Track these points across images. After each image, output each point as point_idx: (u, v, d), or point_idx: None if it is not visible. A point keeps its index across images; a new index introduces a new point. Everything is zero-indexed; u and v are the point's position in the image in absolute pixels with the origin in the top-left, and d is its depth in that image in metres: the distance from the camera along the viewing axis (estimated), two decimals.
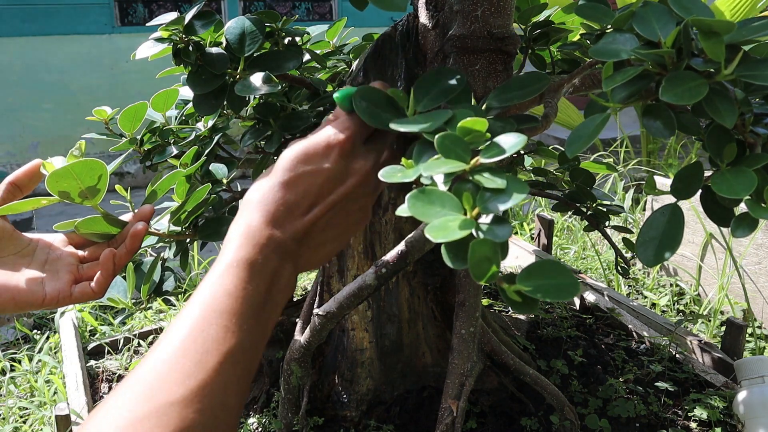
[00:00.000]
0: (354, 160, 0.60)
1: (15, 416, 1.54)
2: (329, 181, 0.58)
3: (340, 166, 0.58)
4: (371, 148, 0.61)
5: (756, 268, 1.86)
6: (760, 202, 0.58)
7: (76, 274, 0.69)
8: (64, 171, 0.62)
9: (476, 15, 0.89)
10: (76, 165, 0.62)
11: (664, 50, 0.58)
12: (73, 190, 0.64)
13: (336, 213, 0.59)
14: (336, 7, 5.06)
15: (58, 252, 0.70)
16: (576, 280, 0.43)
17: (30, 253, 0.69)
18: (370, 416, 1.15)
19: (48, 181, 0.63)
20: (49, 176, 0.62)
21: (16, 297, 0.65)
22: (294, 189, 0.57)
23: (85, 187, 0.64)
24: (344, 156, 0.59)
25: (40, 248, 0.70)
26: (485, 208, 0.46)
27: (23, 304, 0.65)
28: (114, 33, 4.45)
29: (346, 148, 0.59)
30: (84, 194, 0.65)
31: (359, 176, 0.59)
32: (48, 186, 0.63)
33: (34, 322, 2.04)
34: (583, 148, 0.58)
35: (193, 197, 0.83)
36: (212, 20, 0.97)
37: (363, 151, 0.60)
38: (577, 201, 1.27)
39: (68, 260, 0.70)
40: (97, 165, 0.63)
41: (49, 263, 0.69)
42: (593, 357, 1.34)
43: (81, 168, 0.63)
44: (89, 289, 0.68)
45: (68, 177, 0.63)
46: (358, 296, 0.88)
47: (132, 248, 0.69)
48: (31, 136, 4.39)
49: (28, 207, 0.65)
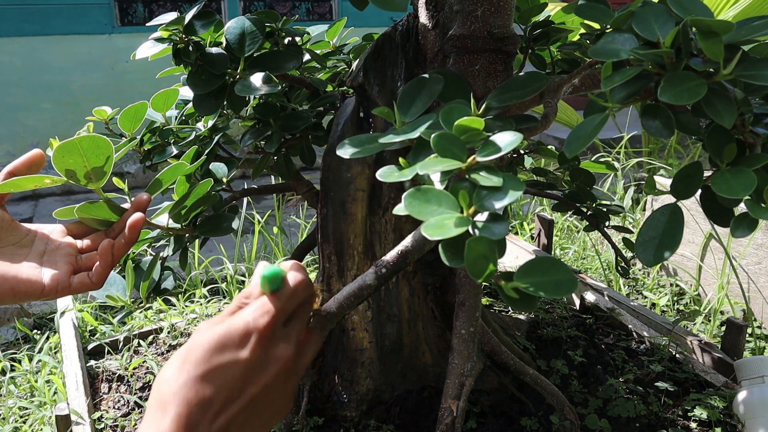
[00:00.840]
0: (274, 346, 0.54)
1: (15, 416, 1.54)
2: (248, 373, 0.52)
3: (260, 354, 0.53)
4: (291, 330, 0.56)
5: (756, 268, 1.86)
6: (759, 202, 0.58)
7: (74, 264, 0.69)
8: (70, 144, 0.61)
9: (476, 15, 0.90)
10: (83, 139, 0.61)
11: (663, 50, 0.58)
12: (79, 169, 0.63)
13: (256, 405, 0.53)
14: (336, 7, 5.06)
15: (56, 242, 0.70)
16: (574, 276, 0.44)
17: (28, 244, 0.68)
18: (370, 416, 1.15)
19: (54, 156, 0.61)
20: (55, 150, 0.61)
21: (15, 288, 0.64)
22: (209, 384, 0.51)
23: (91, 167, 0.64)
24: (264, 343, 0.53)
25: (38, 239, 0.69)
26: (482, 206, 0.46)
27: (22, 295, 0.65)
28: (114, 33, 4.45)
29: (266, 334, 0.53)
30: (89, 175, 0.64)
31: (281, 363, 0.54)
32: (54, 161, 0.62)
33: (34, 322, 2.04)
34: (582, 148, 0.58)
35: (194, 192, 0.83)
36: (212, 20, 0.97)
37: (283, 335, 0.55)
38: (577, 201, 1.27)
39: (67, 250, 0.69)
40: (104, 143, 0.63)
41: (47, 254, 0.68)
42: (593, 357, 1.34)
43: (88, 143, 0.62)
44: (88, 279, 0.68)
45: (75, 152, 0.62)
46: (358, 296, 0.87)
47: (130, 239, 0.68)
48: (31, 136, 4.40)
49: (30, 184, 0.64)
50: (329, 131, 1.10)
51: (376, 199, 1.08)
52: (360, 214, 1.08)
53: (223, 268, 2.25)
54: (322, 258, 1.12)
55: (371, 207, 1.08)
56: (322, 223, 1.10)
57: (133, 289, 1.00)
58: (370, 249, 1.11)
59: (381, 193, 1.07)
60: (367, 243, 1.10)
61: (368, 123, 1.05)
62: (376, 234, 1.10)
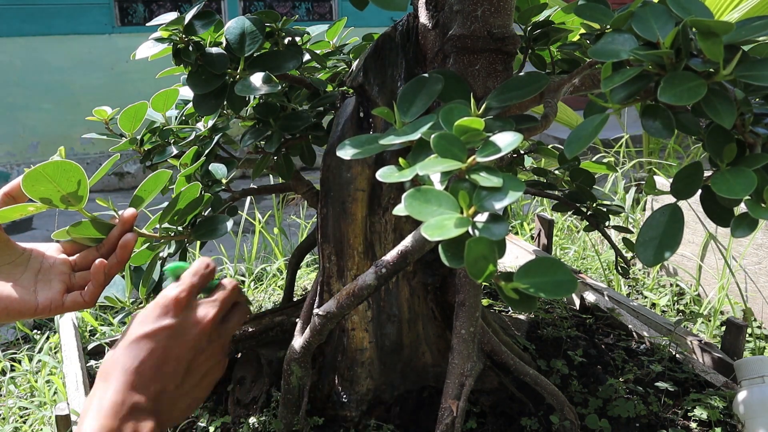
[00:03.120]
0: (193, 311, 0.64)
1: (15, 416, 1.54)
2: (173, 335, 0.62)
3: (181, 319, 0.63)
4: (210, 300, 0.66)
5: (756, 268, 1.86)
6: (759, 202, 0.58)
7: (68, 283, 0.70)
8: (35, 173, 0.61)
9: (476, 15, 0.90)
10: (47, 166, 0.61)
11: (663, 51, 0.58)
12: (54, 195, 0.64)
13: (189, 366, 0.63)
14: (336, 7, 5.06)
15: (51, 260, 0.71)
16: (573, 276, 0.44)
17: (24, 262, 0.69)
18: (370, 416, 1.15)
19: (24, 185, 0.62)
20: (23, 179, 0.62)
21: (8, 306, 0.66)
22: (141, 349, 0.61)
23: (65, 192, 0.64)
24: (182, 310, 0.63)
25: (33, 257, 0.70)
26: (482, 207, 0.46)
27: (15, 314, 0.67)
28: (114, 33, 4.44)
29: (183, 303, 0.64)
30: (66, 199, 0.65)
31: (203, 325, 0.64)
32: (25, 190, 0.62)
33: (34, 322, 2.04)
34: (583, 148, 0.58)
35: (184, 196, 0.83)
36: (212, 20, 0.97)
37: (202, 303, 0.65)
38: (577, 201, 1.27)
39: (61, 269, 0.70)
40: (72, 168, 0.63)
41: (42, 272, 0.69)
42: (593, 357, 1.34)
43: (54, 170, 0.62)
44: (80, 298, 0.69)
45: (42, 180, 0.62)
46: (358, 296, 0.88)
47: (122, 259, 0.70)
48: (31, 136, 4.39)
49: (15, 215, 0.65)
50: (329, 131, 1.10)
51: (376, 199, 1.08)
52: (360, 214, 1.08)
53: (223, 268, 2.25)
54: (322, 258, 1.12)
55: (371, 207, 1.08)
56: (322, 223, 1.10)
57: (132, 289, 1.00)
58: (370, 249, 1.11)
59: (381, 193, 1.07)
60: (367, 243, 1.10)
61: (368, 123, 1.05)
62: (376, 234, 1.10)
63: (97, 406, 0.58)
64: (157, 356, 0.61)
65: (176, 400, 0.62)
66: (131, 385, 0.59)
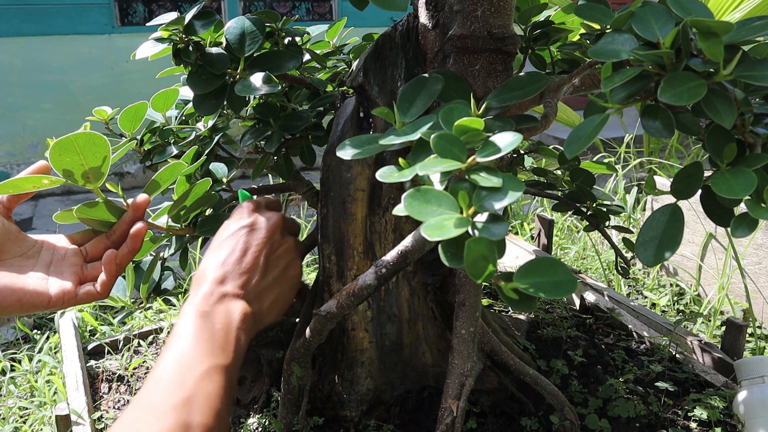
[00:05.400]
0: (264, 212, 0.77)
1: (15, 416, 1.54)
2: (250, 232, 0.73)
3: (253, 220, 0.74)
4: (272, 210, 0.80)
5: (756, 268, 1.86)
6: (759, 202, 0.58)
7: (80, 274, 0.69)
8: (67, 141, 0.61)
9: (476, 15, 0.90)
10: (80, 136, 0.61)
11: (663, 51, 0.58)
12: (77, 168, 0.63)
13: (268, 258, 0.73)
14: (336, 7, 5.06)
15: (62, 252, 0.70)
16: (573, 276, 0.44)
17: (35, 255, 0.69)
18: (370, 416, 1.15)
19: (51, 154, 0.62)
20: (52, 147, 0.61)
21: (21, 299, 0.64)
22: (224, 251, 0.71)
23: (88, 167, 0.64)
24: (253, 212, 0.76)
25: (45, 249, 0.69)
26: (481, 207, 0.46)
27: (29, 306, 0.65)
28: (114, 33, 4.45)
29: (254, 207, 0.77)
30: (87, 175, 0.64)
31: (274, 220, 0.75)
32: (51, 160, 0.63)
33: (34, 322, 2.04)
34: (583, 148, 0.58)
35: (193, 192, 0.83)
36: (212, 20, 0.97)
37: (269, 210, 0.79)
38: (578, 201, 1.27)
39: (72, 261, 0.70)
40: (101, 141, 0.63)
41: (53, 264, 0.69)
42: (593, 357, 1.34)
43: (84, 141, 0.62)
44: (93, 289, 0.68)
45: (71, 150, 0.62)
46: (358, 296, 0.87)
47: (134, 248, 0.70)
48: (31, 136, 4.40)
49: (28, 184, 0.64)
50: (329, 131, 1.10)
51: (376, 199, 1.08)
52: (360, 214, 1.08)
53: None
54: (322, 258, 1.12)
55: (371, 207, 1.08)
56: (322, 223, 1.10)
57: (133, 289, 1.00)
58: (370, 249, 1.11)
59: (381, 193, 1.07)
60: (367, 243, 1.10)
61: (368, 123, 1.05)
62: (376, 234, 1.10)
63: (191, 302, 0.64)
64: (239, 251, 0.70)
65: (263, 291, 0.71)
66: (219, 280, 0.67)
